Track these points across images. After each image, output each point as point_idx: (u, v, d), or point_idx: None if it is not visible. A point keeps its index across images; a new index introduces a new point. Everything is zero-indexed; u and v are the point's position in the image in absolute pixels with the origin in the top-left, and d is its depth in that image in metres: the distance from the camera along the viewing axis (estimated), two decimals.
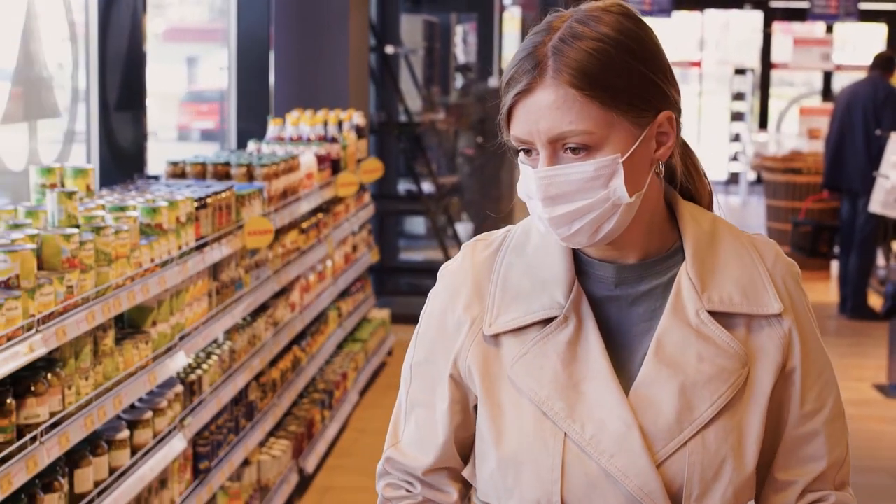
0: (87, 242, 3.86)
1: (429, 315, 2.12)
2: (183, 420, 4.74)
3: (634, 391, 1.98)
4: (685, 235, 2.05)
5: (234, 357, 5.49)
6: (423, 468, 2.10)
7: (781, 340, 2.03)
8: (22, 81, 5.46)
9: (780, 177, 13.50)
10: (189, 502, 4.82)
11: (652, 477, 1.94)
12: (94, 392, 3.90)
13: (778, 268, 2.07)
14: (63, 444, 3.61)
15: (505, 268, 2.07)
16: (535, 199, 1.94)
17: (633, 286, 2.03)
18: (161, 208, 4.53)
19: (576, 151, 1.92)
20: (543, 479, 1.96)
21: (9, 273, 3.42)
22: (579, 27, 1.93)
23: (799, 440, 2.07)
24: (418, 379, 2.11)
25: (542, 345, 2.00)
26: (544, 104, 1.91)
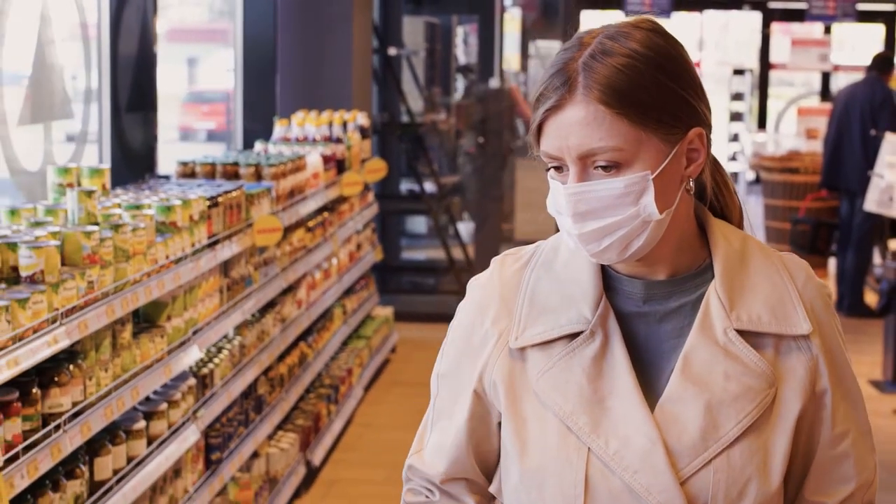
0: (107, 239, 4.01)
1: (456, 327, 2.13)
2: (196, 412, 4.89)
3: (660, 408, 1.98)
4: (715, 253, 2.05)
5: (243, 352, 5.64)
6: (441, 477, 2.11)
7: (810, 362, 2.02)
8: (36, 84, 5.61)
9: (777, 176, 13.64)
10: (202, 492, 4.96)
11: (675, 494, 1.94)
12: (113, 383, 4.05)
13: (808, 288, 2.06)
14: (85, 432, 3.76)
15: (533, 282, 2.07)
16: (565, 215, 1.94)
17: (662, 303, 2.03)
18: (175, 207, 4.68)
19: (606, 168, 1.92)
20: (567, 494, 1.96)
21: (34, 268, 3.57)
22: (609, 43, 1.93)
23: (830, 462, 2.06)
24: (444, 389, 2.13)
25: (568, 359, 2.00)
26: (574, 121, 1.91)
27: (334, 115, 8.19)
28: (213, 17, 13.96)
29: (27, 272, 3.57)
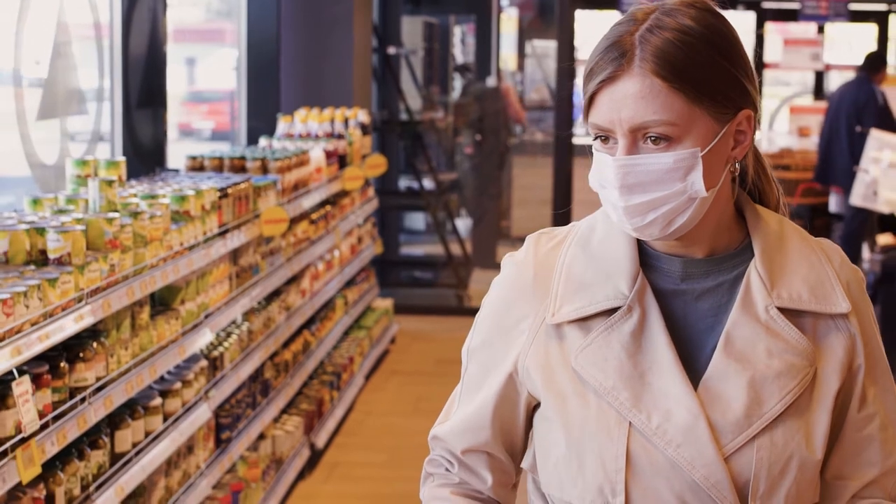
0: (126, 226, 4.27)
1: (490, 302, 2.14)
2: (207, 392, 5.14)
3: (703, 384, 1.98)
4: (754, 233, 2.06)
5: (251, 337, 5.90)
6: (462, 448, 2.12)
7: (848, 341, 2.03)
8: (53, 82, 5.86)
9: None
10: (213, 468, 5.22)
11: (719, 468, 1.94)
12: (132, 361, 4.30)
13: (845, 271, 2.08)
14: (107, 405, 4.02)
15: (569, 259, 2.07)
16: (612, 187, 1.94)
17: (700, 281, 2.03)
18: (189, 196, 4.93)
19: (656, 142, 1.92)
20: (608, 468, 1.97)
21: (62, 251, 3.83)
22: (666, 19, 1.94)
23: (855, 443, 2.06)
24: (474, 364, 2.13)
25: (607, 335, 2.00)
26: (629, 93, 1.91)
27: (336, 113, 8.45)
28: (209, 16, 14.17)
29: (55, 255, 3.83)
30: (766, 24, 21.63)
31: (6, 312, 3.35)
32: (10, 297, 3.38)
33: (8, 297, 3.37)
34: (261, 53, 8.96)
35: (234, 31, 9.17)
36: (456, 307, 10.93)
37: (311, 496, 6.51)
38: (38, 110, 5.73)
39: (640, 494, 1.96)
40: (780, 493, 1.95)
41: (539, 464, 2.08)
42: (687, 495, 1.95)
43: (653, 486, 1.95)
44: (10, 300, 3.38)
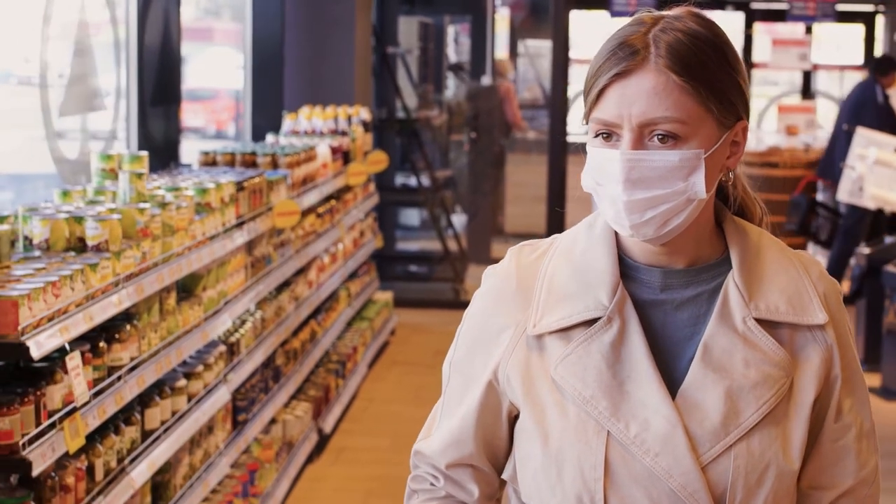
0: (156, 216, 4.53)
1: (472, 315, 2.15)
2: (226, 376, 5.40)
3: (681, 394, 2.00)
4: (732, 245, 2.07)
5: (264, 325, 6.16)
6: (447, 462, 2.13)
7: (825, 352, 2.05)
8: (75, 80, 6.13)
9: (757, 171, 14.18)
10: (231, 448, 5.48)
11: (696, 477, 1.96)
12: (160, 344, 4.56)
13: (822, 283, 2.09)
14: (140, 384, 4.28)
15: (551, 271, 2.08)
16: (615, 181, 1.96)
17: (679, 292, 2.05)
18: (210, 189, 5.19)
19: (663, 140, 1.94)
20: (587, 477, 1.98)
21: (99, 238, 4.09)
22: (676, 23, 1.98)
23: (831, 453, 2.08)
24: (456, 377, 2.14)
25: (587, 345, 2.01)
26: (643, 88, 1.94)
27: (339, 110, 8.71)
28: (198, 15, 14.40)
29: (93, 242, 4.09)
30: (754, 25, 21.97)
31: (55, 294, 3.61)
32: (59, 280, 3.64)
33: (56, 280, 3.63)
34: (265, 53, 9.23)
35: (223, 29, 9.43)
36: (453, 301, 11.19)
37: (320, 478, 6.78)
38: (61, 107, 5.99)
39: (619, 503, 1.98)
40: (757, 503, 1.98)
41: (519, 474, 2.09)
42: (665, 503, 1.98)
43: (631, 494, 1.97)
44: (59, 283, 3.64)
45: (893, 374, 8.65)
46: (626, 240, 2.07)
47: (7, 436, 3.41)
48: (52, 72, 5.98)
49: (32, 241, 4.11)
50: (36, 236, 4.09)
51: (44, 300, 3.54)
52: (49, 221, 4.09)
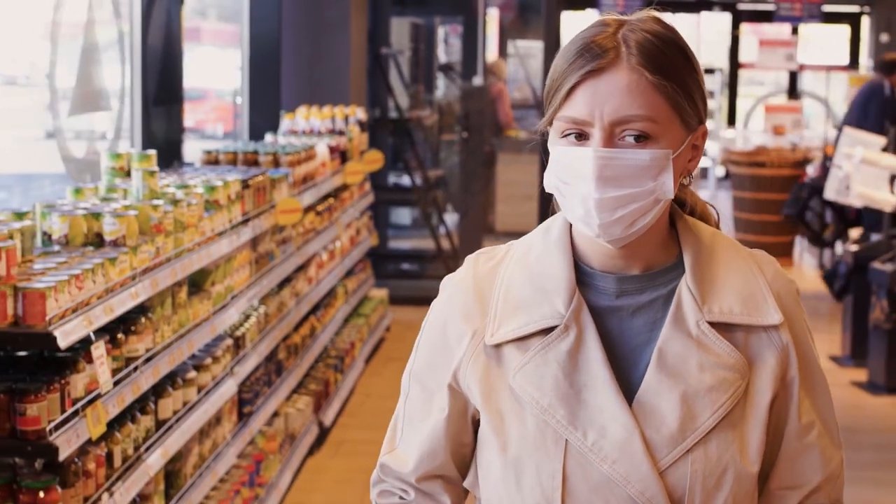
0: (168, 212, 4.68)
1: (430, 324, 2.14)
2: (233, 368, 5.56)
3: (637, 400, 2.00)
4: (685, 248, 2.07)
5: (267, 320, 6.31)
6: (417, 475, 2.12)
7: (780, 352, 2.04)
8: (82, 81, 6.28)
9: (745, 170, 14.36)
10: (237, 439, 5.63)
11: (653, 483, 1.96)
12: (173, 336, 4.72)
13: (777, 282, 2.09)
14: (155, 374, 4.43)
15: (507, 279, 2.08)
16: (586, 179, 1.95)
17: (634, 297, 2.05)
18: (218, 187, 5.35)
19: (637, 139, 1.94)
20: (545, 486, 1.98)
21: (117, 234, 4.25)
22: (641, 24, 1.99)
23: (796, 453, 2.08)
24: (417, 387, 2.13)
25: (544, 354, 2.01)
26: (617, 86, 1.93)
27: (336, 110, 8.87)
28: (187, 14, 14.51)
29: (111, 237, 4.25)
30: (741, 25, 22.18)
31: (78, 286, 3.76)
32: (81, 273, 3.80)
33: (80, 273, 3.78)
34: (263, 54, 9.38)
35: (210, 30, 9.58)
36: None
37: (321, 470, 6.95)
38: (70, 107, 6.15)
39: None
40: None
41: (480, 482, 2.10)
42: None
43: (590, 502, 1.98)
44: (81, 276, 3.79)
45: (879, 369, 8.82)
46: (581, 246, 2.07)
47: (35, 422, 3.56)
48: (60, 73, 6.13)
49: (51, 236, 4.26)
50: (55, 232, 4.25)
51: (68, 292, 3.69)
52: (68, 217, 4.24)
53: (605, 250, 2.04)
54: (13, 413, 3.57)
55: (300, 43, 10.04)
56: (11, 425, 3.58)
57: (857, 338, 9.47)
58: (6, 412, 3.57)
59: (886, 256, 8.90)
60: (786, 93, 22.39)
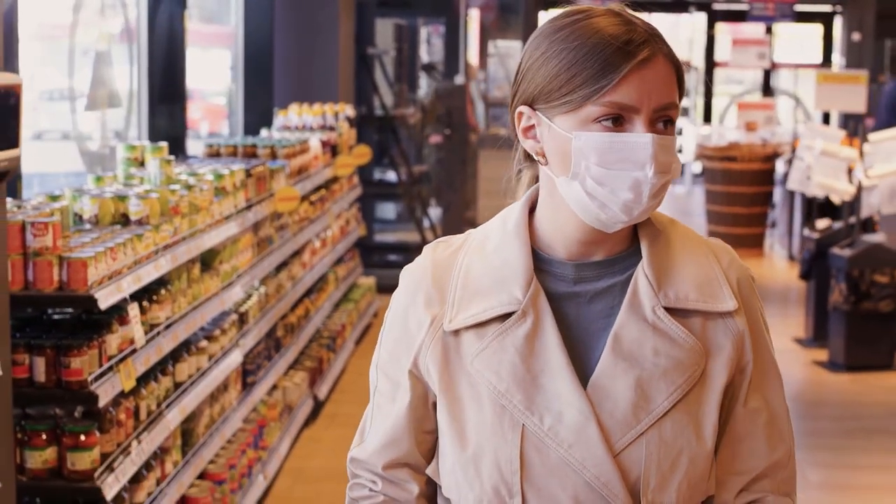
0: (184, 196, 5.22)
1: (391, 315, 2.16)
2: (238, 341, 6.10)
3: (592, 384, 2.01)
4: (642, 235, 2.09)
5: (267, 299, 6.85)
6: (384, 464, 2.14)
7: (736, 337, 2.06)
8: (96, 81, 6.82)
9: (717, 164, 14.94)
10: (242, 405, 6.17)
11: (609, 467, 1.98)
12: (188, 307, 5.25)
13: (732, 269, 2.11)
14: (174, 339, 4.97)
15: (465, 266, 2.10)
16: (644, 164, 1.96)
17: (592, 283, 2.06)
18: (225, 175, 5.89)
19: (666, 125, 2.00)
20: (504, 470, 2.00)
21: (141, 214, 4.79)
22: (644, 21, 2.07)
23: (742, 438, 2.10)
24: (383, 378, 2.16)
25: (501, 339, 2.03)
26: (660, 75, 1.98)
27: (326, 107, 9.41)
28: None
29: (136, 217, 4.79)
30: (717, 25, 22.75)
31: (112, 258, 4.31)
32: (115, 247, 4.34)
33: (114, 246, 4.33)
34: (256, 54, 9.93)
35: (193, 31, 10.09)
36: None
37: (317, 439, 7.50)
38: (86, 104, 6.68)
39: (536, 495, 2.01)
40: (672, 488, 2.01)
41: (440, 468, 2.13)
42: (581, 494, 2.00)
43: (547, 486, 2.00)
44: (115, 248, 4.34)
45: (839, 349, 9.37)
46: (544, 234, 2.11)
47: (78, 373, 4.11)
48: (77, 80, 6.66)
49: (82, 216, 4.80)
50: (86, 212, 4.79)
51: (105, 262, 4.24)
52: (97, 200, 4.78)
53: (581, 236, 2.07)
54: (59, 366, 4.11)
55: (291, 44, 10.59)
56: (57, 377, 4.13)
57: (819, 320, 10.04)
58: (53, 365, 4.11)
59: (845, 242, 9.45)
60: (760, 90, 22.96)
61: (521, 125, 2.08)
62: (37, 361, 4.10)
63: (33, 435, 4.15)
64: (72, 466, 4.16)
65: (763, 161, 14.72)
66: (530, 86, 2.04)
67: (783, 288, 12.76)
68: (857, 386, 8.99)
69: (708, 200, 15.20)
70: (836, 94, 11.82)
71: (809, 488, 6.87)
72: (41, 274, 4.08)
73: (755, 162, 14.67)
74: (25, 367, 4.10)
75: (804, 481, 6.93)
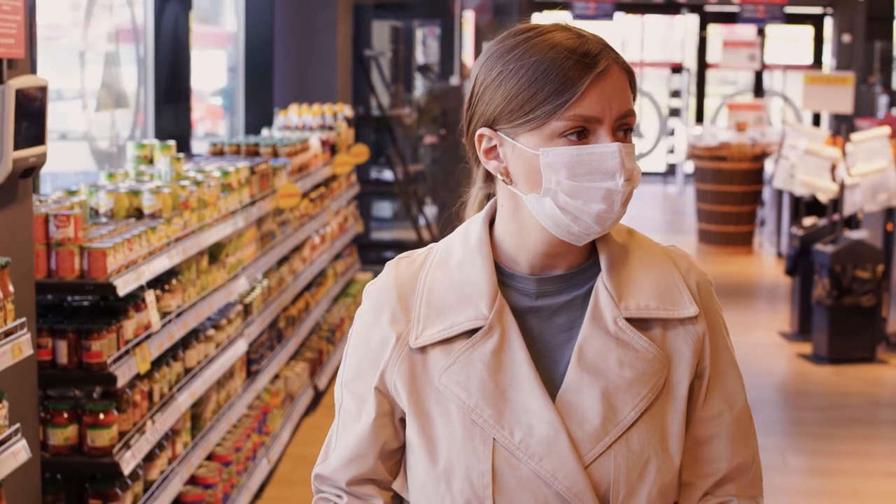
0: (193, 192, 5.50)
1: (356, 333, 2.16)
2: (243, 331, 6.38)
3: (560, 398, 2.02)
4: (600, 248, 2.09)
5: (269, 292, 7.14)
6: (348, 479, 2.14)
7: (696, 343, 2.07)
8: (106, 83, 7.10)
9: (707, 164, 15.23)
10: (247, 392, 6.45)
11: (580, 478, 1.98)
12: (197, 297, 5.53)
13: (691, 275, 2.12)
14: (184, 327, 5.25)
15: (430, 283, 2.10)
16: (614, 174, 1.97)
17: (553, 297, 2.08)
18: (230, 172, 6.17)
19: (626, 133, 2.01)
20: (475, 485, 2.01)
21: (154, 208, 5.07)
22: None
23: (701, 441, 2.10)
24: (349, 396, 2.15)
25: (469, 354, 2.03)
26: (617, 85, 1.99)
27: (325, 107, 9.70)
28: None
29: (149, 210, 5.07)
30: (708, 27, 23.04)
31: (129, 248, 4.59)
32: (132, 238, 4.63)
33: (130, 237, 4.61)
34: (257, 56, 10.22)
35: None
36: None
37: (317, 427, 7.79)
38: (96, 105, 6.96)
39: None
40: (641, 496, 2.02)
41: (409, 485, 2.13)
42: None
43: (519, 499, 2.00)
44: (132, 239, 4.62)
45: (822, 342, 9.67)
46: (502, 249, 2.11)
47: (98, 356, 4.39)
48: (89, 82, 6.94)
49: (98, 210, 5.08)
50: (102, 206, 5.07)
51: (123, 252, 4.52)
52: (113, 194, 5.07)
53: (546, 250, 2.08)
54: (80, 349, 4.39)
55: (291, 46, 10.87)
56: (78, 359, 4.41)
57: (803, 315, 10.33)
58: (75, 348, 4.40)
59: (828, 239, 9.74)
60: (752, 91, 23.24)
61: (482, 147, 2.07)
62: (59, 345, 4.38)
63: (55, 414, 4.43)
64: (92, 443, 4.44)
65: (752, 161, 15.01)
66: (489, 107, 2.03)
67: (771, 285, 13.08)
68: (839, 378, 9.29)
69: (698, 199, 15.49)
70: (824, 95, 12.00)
71: (792, 473, 7.17)
72: (63, 263, 4.37)
73: (744, 161, 14.96)
74: (49, 350, 4.38)
75: (786, 467, 7.25)
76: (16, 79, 3.84)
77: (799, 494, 6.86)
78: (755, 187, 15.00)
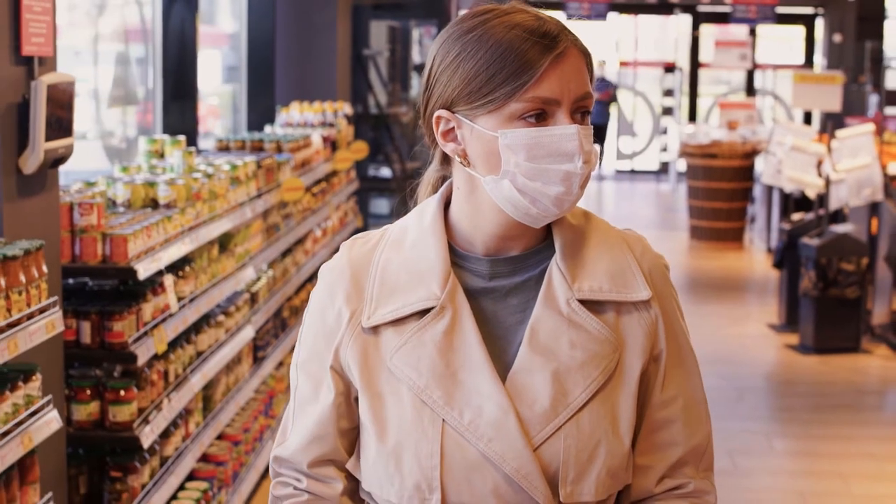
0: (205, 184, 5.78)
1: (311, 313, 2.15)
2: (251, 318, 6.66)
3: (510, 379, 2.01)
4: (555, 230, 2.09)
5: (274, 282, 7.42)
6: (308, 461, 2.13)
7: (649, 326, 2.07)
8: (118, 81, 7.38)
9: (699, 161, 15.52)
10: (253, 378, 6.73)
11: (529, 459, 1.97)
12: (208, 284, 5.81)
13: (646, 259, 2.12)
14: (196, 312, 5.52)
15: (383, 262, 2.09)
16: (573, 156, 1.96)
17: (507, 278, 2.07)
18: (238, 166, 6.46)
19: (584, 116, 2.00)
20: (423, 465, 2.00)
21: (169, 198, 5.35)
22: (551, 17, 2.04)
23: (657, 424, 2.10)
24: (304, 377, 2.14)
25: (420, 335, 2.03)
26: (575, 67, 1.97)
27: (325, 105, 9.98)
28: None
29: (164, 201, 5.35)
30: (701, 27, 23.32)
31: (147, 235, 4.87)
32: (150, 226, 4.91)
33: (148, 225, 4.89)
34: (259, 55, 10.50)
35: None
36: None
37: None
38: (108, 101, 7.24)
39: (456, 490, 2.00)
40: (590, 478, 2.00)
41: (361, 464, 2.12)
42: (501, 488, 1.99)
43: (468, 480, 2.00)
44: (150, 227, 4.90)
45: (808, 333, 9.95)
46: (457, 230, 2.11)
47: (120, 336, 4.67)
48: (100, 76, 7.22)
49: (115, 201, 5.36)
50: (119, 197, 5.35)
51: (142, 239, 4.80)
52: (130, 185, 5.35)
53: (502, 232, 2.08)
54: (103, 329, 4.67)
55: (292, 45, 11.15)
56: (101, 339, 4.69)
57: (790, 306, 10.61)
58: (97, 329, 4.67)
59: (814, 232, 10.02)
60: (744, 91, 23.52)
61: (439, 129, 2.06)
62: (83, 325, 4.66)
63: (79, 391, 4.71)
64: (113, 418, 4.72)
65: (743, 158, 15.28)
66: (447, 89, 2.02)
67: (761, 279, 13.37)
68: (825, 367, 9.58)
69: (690, 196, 15.76)
70: (813, 93, 12.20)
71: (780, 456, 7.47)
72: (87, 248, 4.65)
73: (735, 159, 15.23)
74: (73, 330, 4.66)
75: (772, 450, 7.54)
76: (46, 75, 4.13)
77: (785, 475, 7.16)
78: (745, 184, 15.28)
